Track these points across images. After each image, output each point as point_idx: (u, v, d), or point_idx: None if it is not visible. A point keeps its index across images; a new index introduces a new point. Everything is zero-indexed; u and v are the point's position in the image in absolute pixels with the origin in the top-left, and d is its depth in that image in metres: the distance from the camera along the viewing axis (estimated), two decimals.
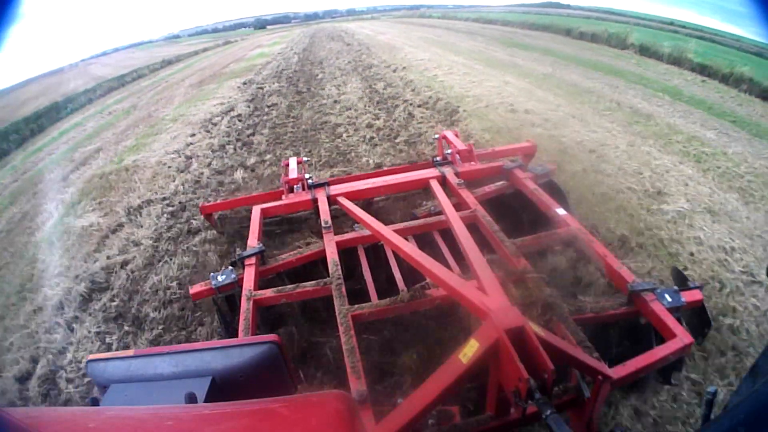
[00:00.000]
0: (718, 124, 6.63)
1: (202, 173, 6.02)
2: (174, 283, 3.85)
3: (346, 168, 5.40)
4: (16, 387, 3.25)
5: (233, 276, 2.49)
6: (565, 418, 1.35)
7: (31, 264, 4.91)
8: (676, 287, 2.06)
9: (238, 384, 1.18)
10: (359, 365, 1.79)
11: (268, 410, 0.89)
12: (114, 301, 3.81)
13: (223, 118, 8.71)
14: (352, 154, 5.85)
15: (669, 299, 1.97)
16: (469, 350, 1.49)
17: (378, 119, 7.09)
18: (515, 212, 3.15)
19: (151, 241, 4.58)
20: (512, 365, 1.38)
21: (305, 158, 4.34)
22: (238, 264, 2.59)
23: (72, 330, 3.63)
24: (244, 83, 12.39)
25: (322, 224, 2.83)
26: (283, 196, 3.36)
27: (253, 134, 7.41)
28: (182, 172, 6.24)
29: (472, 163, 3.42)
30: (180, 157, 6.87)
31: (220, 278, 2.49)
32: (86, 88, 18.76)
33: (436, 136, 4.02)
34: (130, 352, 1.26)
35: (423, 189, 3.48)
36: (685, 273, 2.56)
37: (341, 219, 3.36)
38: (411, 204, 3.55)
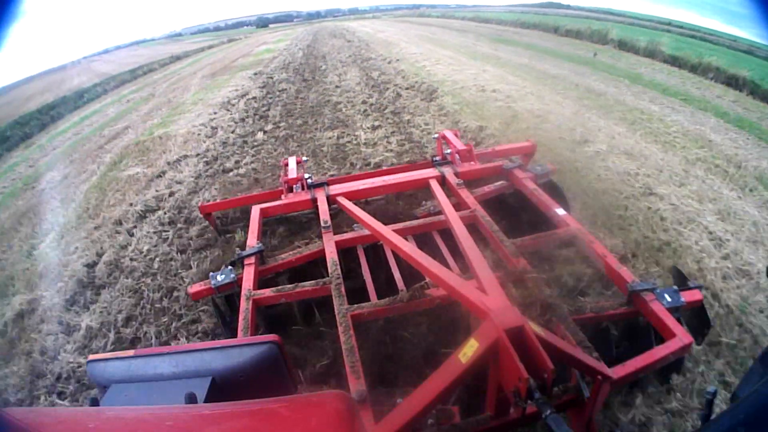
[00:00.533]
0: (666, 101, 7.29)
1: (228, 137, 7.07)
2: (221, 196, 4.72)
3: (345, 129, 6.64)
4: (85, 270, 4.07)
5: (232, 276, 2.49)
6: (564, 418, 1.34)
7: (85, 202, 5.86)
8: (675, 287, 2.05)
9: (238, 384, 1.17)
10: (358, 365, 1.79)
11: (268, 410, 0.89)
12: (166, 214, 4.72)
13: (240, 100, 9.71)
14: (349, 121, 7.05)
15: (669, 299, 1.96)
16: (469, 350, 1.48)
17: (371, 98, 8.32)
18: (515, 212, 3.14)
19: (192, 179, 5.59)
20: (512, 365, 1.38)
21: (305, 158, 4.35)
22: (238, 263, 2.58)
23: (132, 234, 4.53)
24: (255, 74, 13.32)
25: (322, 224, 2.82)
26: (283, 196, 3.35)
27: (268, 110, 8.58)
28: (210, 137, 7.27)
29: (472, 163, 3.40)
30: (206, 127, 7.88)
31: (219, 278, 2.48)
32: (93, 83, 19.05)
33: (436, 135, 4.01)
34: (130, 352, 1.26)
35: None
36: (588, 185, 3.63)
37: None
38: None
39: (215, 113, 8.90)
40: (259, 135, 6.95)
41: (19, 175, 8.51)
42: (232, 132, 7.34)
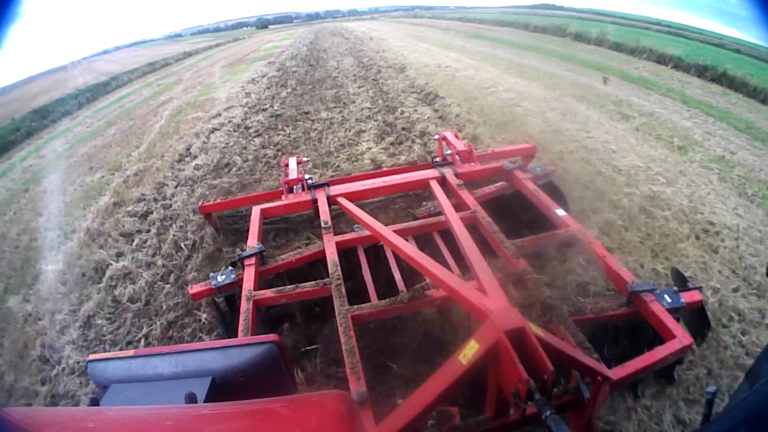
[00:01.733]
0: (580, 69, 9.68)
1: (260, 96, 10.00)
2: (264, 119, 7.82)
3: (340, 89, 9.63)
4: (183, 149, 6.63)
5: (233, 276, 2.48)
6: (564, 419, 1.34)
7: (162, 132, 8.33)
8: (675, 288, 2.05)
9: (238, 384, 1.17)
10: (359, 366, 1.78)
11: (268, 410, 0.89)
12: (230, 128, 7.46)
13: (262, 78, 12.60)
14: (343, 85, 10.17)
15: (668, 300, 1.96)
16: (469, 351, 1.48)
17: (360, 73, 11.50)
18: (515, 213, 3.15)
19: (242, 114, 8.37)
20: (512, 366, 1.37)
21: (305, 158, 4.35)
22: (238, 264, 2.58)
23: (208, 138, 7.11)
24: (269, 63, 16.11)
25: (322, 225, 2.82)
26: (283, 197, 3.34)
27: (286, 82, 11.53)
28: (246, 97, 10.06)
29: (472, 164, 3.40)
30: (242, 92, 10.72)
31: (219, 278, 2.48)
32: (113, 76, 20.02)
33: (436, 137, 4.01)
34: (130, 353, 1.25)
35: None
36: (478, 103, 6.69)
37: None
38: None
39: (245, 86, 11.57)
40: (283, 93, 10.00)
41: (79, 132, 10.87)
42: (262, 94, 10.24)
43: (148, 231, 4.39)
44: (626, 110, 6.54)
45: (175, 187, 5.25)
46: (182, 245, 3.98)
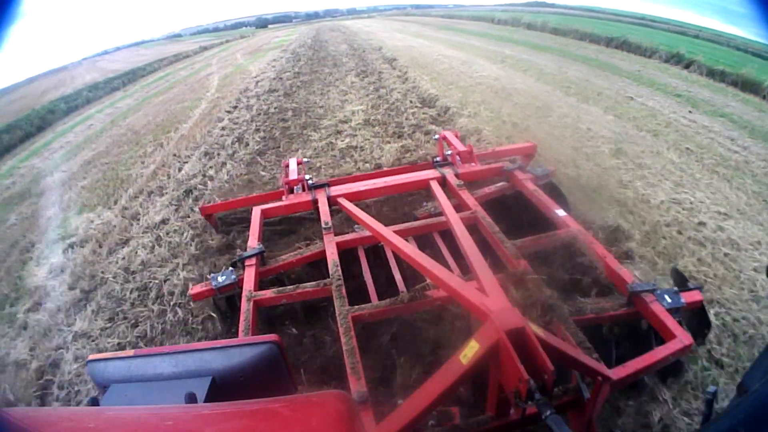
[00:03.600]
0: (505, 45, 13.48)
1: (283, 67, 13.85)
2: (290, 75, 12.21)
3: (336, 61, 13.98)
4: (243, 88, 11.19)
5: (233, 277, 2.48)
6: (565, 419, 1.34)
7: (219, 85, 12.39)
8: (675, 288, 2.05)
9: (238, 384, 1.17)
10: (359, 366, 1.78)
11: (268, 410, 0.89)
12: (269, 80, 11.70)
13: (280, 59, 16.26)
14: (339, 59, 14.31)
15: (669, 300, 1.95)
16: (470, 351, 1.48)
17: (350, 52, 15.70)
18: (515, 213, 3.14)
19: (274, 74, 12.48)
20: (512, 366, 1.37)
21: (305, 159, 4.36)
22: (239, 264, 2.58)
23: (256, 84, 11.31)
24: (283, 50, 19.89)
25: (323, 225, 2.81)
26: (284, 197, 3.32)
27: (300, 58, 15.73)
28: (273, 68, 13.87)
29: (472, 164, 3.39)
30: (268, 66, 14.55)
31: (220, 279, 2.48)
32: (135, 66, 22.30)
33: (437, 136, 4.01)
34: (130, 353, 1.25)
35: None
36: (415, 61, 11.97)
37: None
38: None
39: (269, 63, 15.50)
40: (299, 64, 14.11)
41: (141, 95, 14.48)
42: (284, 66, 14.13)
43: (241, 109, 8.69)
44: (509, 61, 10.43)
45: (248, 99, 9.52)
46: (261, 109, 8.44)
